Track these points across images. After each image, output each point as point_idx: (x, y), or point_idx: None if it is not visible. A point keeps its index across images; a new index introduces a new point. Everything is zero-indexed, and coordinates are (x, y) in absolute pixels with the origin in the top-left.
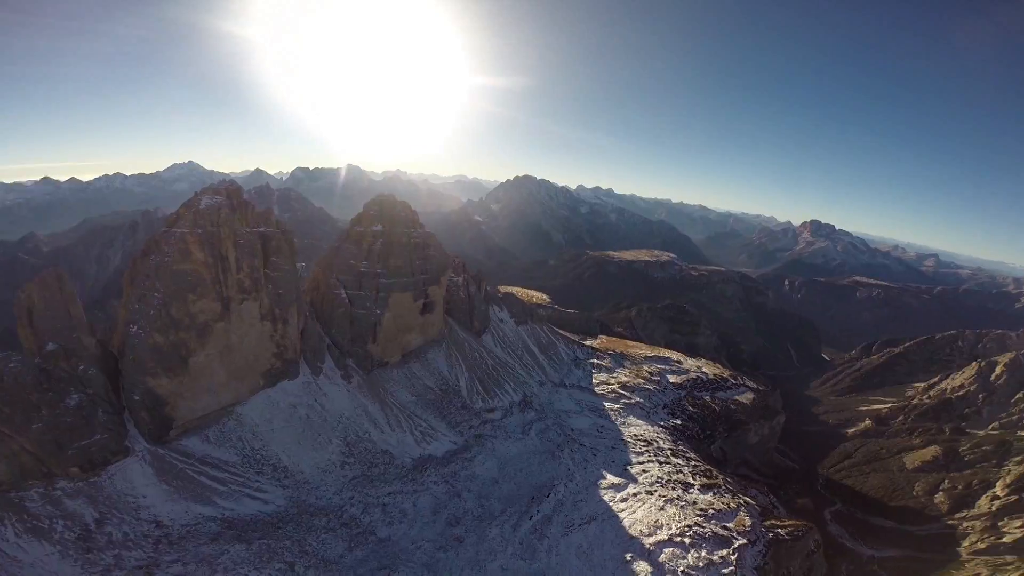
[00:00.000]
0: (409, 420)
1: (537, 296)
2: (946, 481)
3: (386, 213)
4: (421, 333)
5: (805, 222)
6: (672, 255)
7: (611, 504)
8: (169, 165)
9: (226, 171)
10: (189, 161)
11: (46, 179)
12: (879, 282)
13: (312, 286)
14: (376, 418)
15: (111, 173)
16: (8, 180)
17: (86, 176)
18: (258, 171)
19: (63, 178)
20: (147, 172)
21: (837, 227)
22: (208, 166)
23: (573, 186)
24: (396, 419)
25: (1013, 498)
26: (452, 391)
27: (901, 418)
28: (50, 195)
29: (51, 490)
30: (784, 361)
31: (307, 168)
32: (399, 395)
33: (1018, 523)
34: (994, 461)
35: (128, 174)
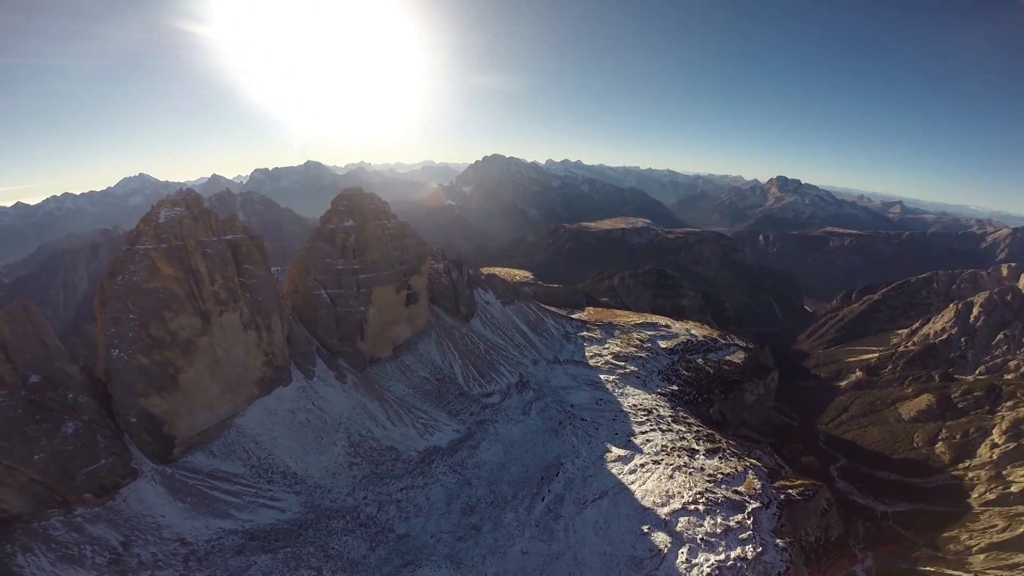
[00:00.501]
0: (409, 413)
1: (520, 274)
2: (944, 430)
3: (356, 207)
4: (409, 325)
5: (772, 179)
6: (647, 221)
7: (620, 477)
8: (120, 180)
9: (181, 180)
10: (140, 174)
11: None
12: (850, 231)
13: (291, 290)
14: (376, 415)
15: (59, 194)
16: None
17: (32, 199)
18: (215, 177)
19: (8, 203)
20: (98, 189)
21: (803, 181)
22: (161, 177)
23: (542, 161)
24: (396, 414)
25: (1012, 445)
26: (448, 379)
27: (890, 367)
28: None
29: (71, 517)
30: (768, 316)
31: (266, 169)
32: (396, 389)
33: (1023, 471)
34: (987, 407)
35: (78, 193)
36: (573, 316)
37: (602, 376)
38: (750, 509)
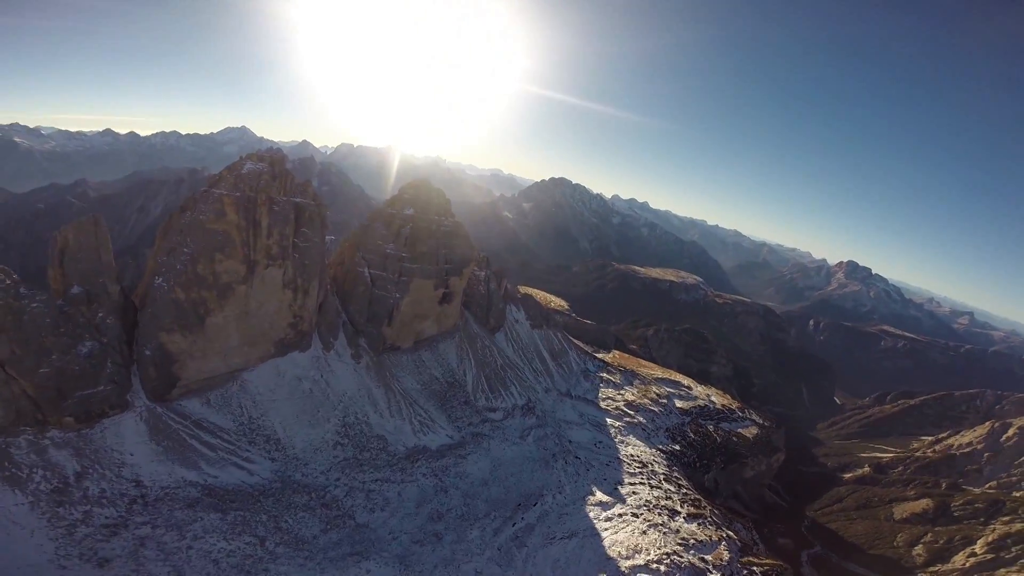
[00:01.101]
0: (410, 408)
1: (556, 301)
2: (929, 535)
3: (420, 198)
4: (436, 322)
5: (841, 262)
6: (699, 279)
7: (595, 522)
8: (223, 128)
9: (275, 139)
10: (242, 126)
11: (107, 131)
12: (906, 334)
13: (337, 261)
14: (378, 402)
15: (168, 131)
16: (72, 128)
17: (145, 131)
18: (305, 142)
19: (123, 131)
20: (201, 133)
21: (874, 271)
22: (259, 133)
23: (608, 195)
24: (397, 405)
25: (989, 556)
26: (458, 385)
27: (900, 468)
28: (108, 146)
29: (40, 438)
30: (795, 399)
31: (351, 145)
32: (405, 381)
33: None
34: (982, 519)
35: (184, 133)
36: (597, 355)
37: (609, 420)
38: None
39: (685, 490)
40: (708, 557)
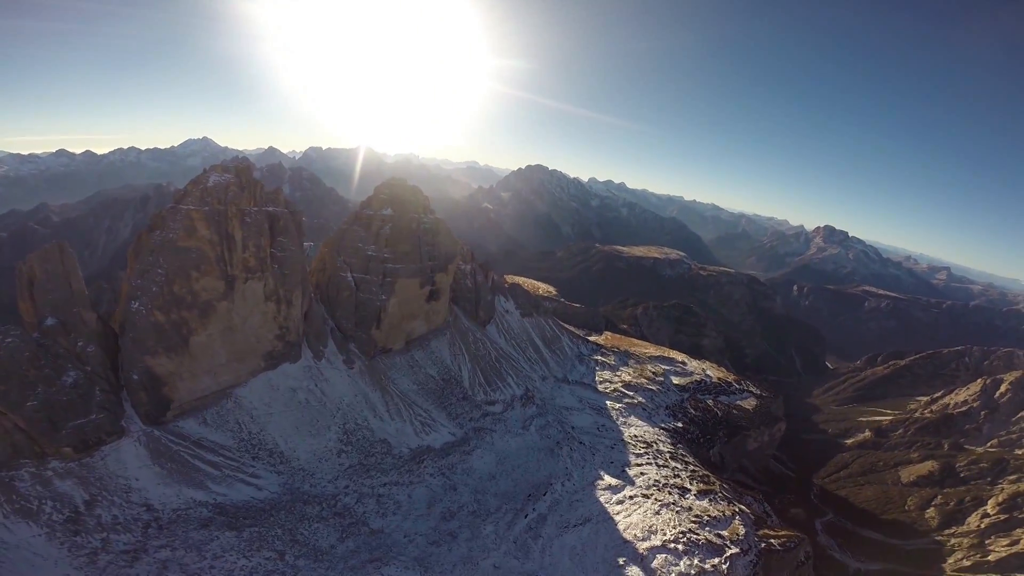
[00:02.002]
0: (409, 409)
1: (544, 288)
2: (939, 497)
3: (397, 197)
4: (426, 321)
5: (818, 227)
6: (682, 253)
7: (607, 506)
8: (184, 140)
9: (240, 148)
10: (204, 137)
11: (61, 151)
12: (888, 293)
13: (318, 267)
14: (376, 406)
15: (126, 147)
16: (24, 151)
17: (101, 150)
18: (271, 149)
19: (78, 151)
20: (162, 147)
21: (850, 234)
22: (222, 143)
23: (585, 178)
24: (396, 408)
25: (1003, 516)
26: (454, 381)
27: (901, 431)
28: (65, 167)
29: (42, 470)
30: (787, 367)
31: (320, 148)
32: (400, 383)
33: (1005, 541)
34: (989, 479)
35: (143, 148)
36: (590, 338)
37: (608, 402)
38: (728, 554)
39: (692, 467)
40: (724, 533)
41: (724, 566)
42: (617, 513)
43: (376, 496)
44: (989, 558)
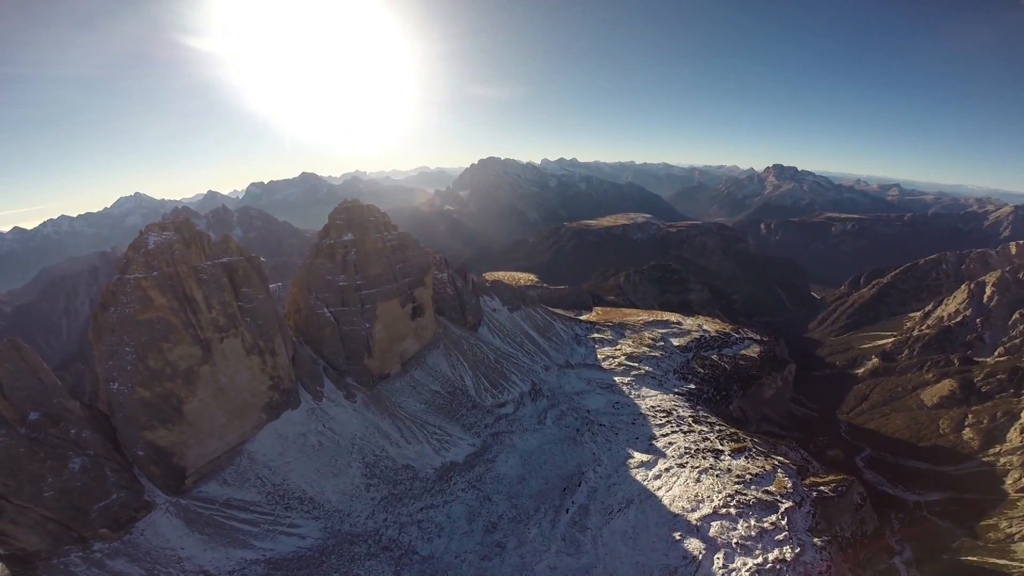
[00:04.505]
0: (423, 430)
1: (524, 278)
2: (970, 415)
3: (355, 220)
4: (416, 338)
5: (768, 167)
6: (648, 216)
7: (645, 483)
8: (116, 200)
9: (177, 197)
10: (136, 193)
11: None
12: (851, 216)
13: (293, 309)
14: (390, 433)
15: (55, 216)
16: None
17: (29, 223)
18: (211, 193)
19: (5, 228)
20: (94, 210)
21: (800, 168)
22: (157, 195)
23: (538, 161)
24: (410, 431)
25: None
26: (460, 392)
27: (906, 352)
28: None
29: (90, 553)
30: (776, 305)
31: (262, 182)
32: (407, 405)
33: None
34: (1011, 390)
35: (75, 215)
36: (582, 318)
37: (616, 378)
38: (783, 509)
39: (719, 427)
40: (771, 488)
41: (783, 521)
42: (658, 489)
43: (416, 523)
44: None
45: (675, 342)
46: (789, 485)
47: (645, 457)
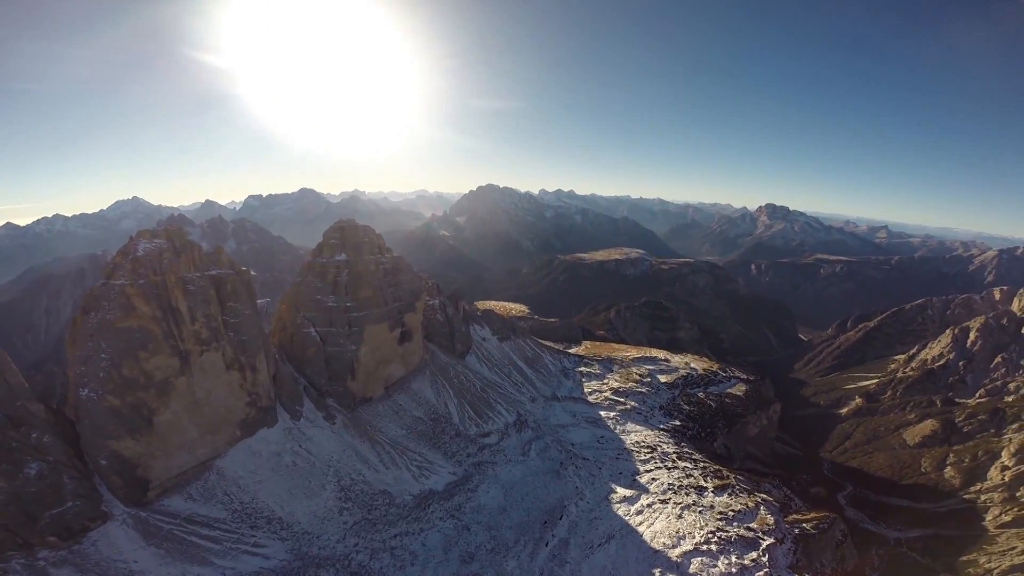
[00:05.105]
0: (403, 456)
1: (516, 308)
2: (951, 454)
3: (349, 240)
4: (402, 363)
5: (761, 206)
6: (641, 251)
7: (627, 518)
8: (113, 202)
9: (175, 204)
10: (134, 197)
11: None
12: (840, 258)
13: (279, 326)
14: (368, 457)
15: (50, 215)
16: None
17: (22, 220)
18: (209, 202)
19: None
20: (90, 212)
21: (791, 208)
22: (155, 201)
23: (535, 191)
24: (389, 456)
25: (1022, 466)
26: (443, 419)
27: (890, 393)
28: None
29: (34, 560)
30: (764, 345)
31: (260, 195)
32: (388, 430)
33: None
34: (992, 430)
35: (69, 215)
36: (570, 351)
37: (602, 413)
38: (764, 546)
39: (702, 463)
40: (753, 525)
41: (764, 558)
42: (639, 524)
43: (390, 549)
44: None
45: (662, 379)
46: (771, 522)
47: (628, 492)
